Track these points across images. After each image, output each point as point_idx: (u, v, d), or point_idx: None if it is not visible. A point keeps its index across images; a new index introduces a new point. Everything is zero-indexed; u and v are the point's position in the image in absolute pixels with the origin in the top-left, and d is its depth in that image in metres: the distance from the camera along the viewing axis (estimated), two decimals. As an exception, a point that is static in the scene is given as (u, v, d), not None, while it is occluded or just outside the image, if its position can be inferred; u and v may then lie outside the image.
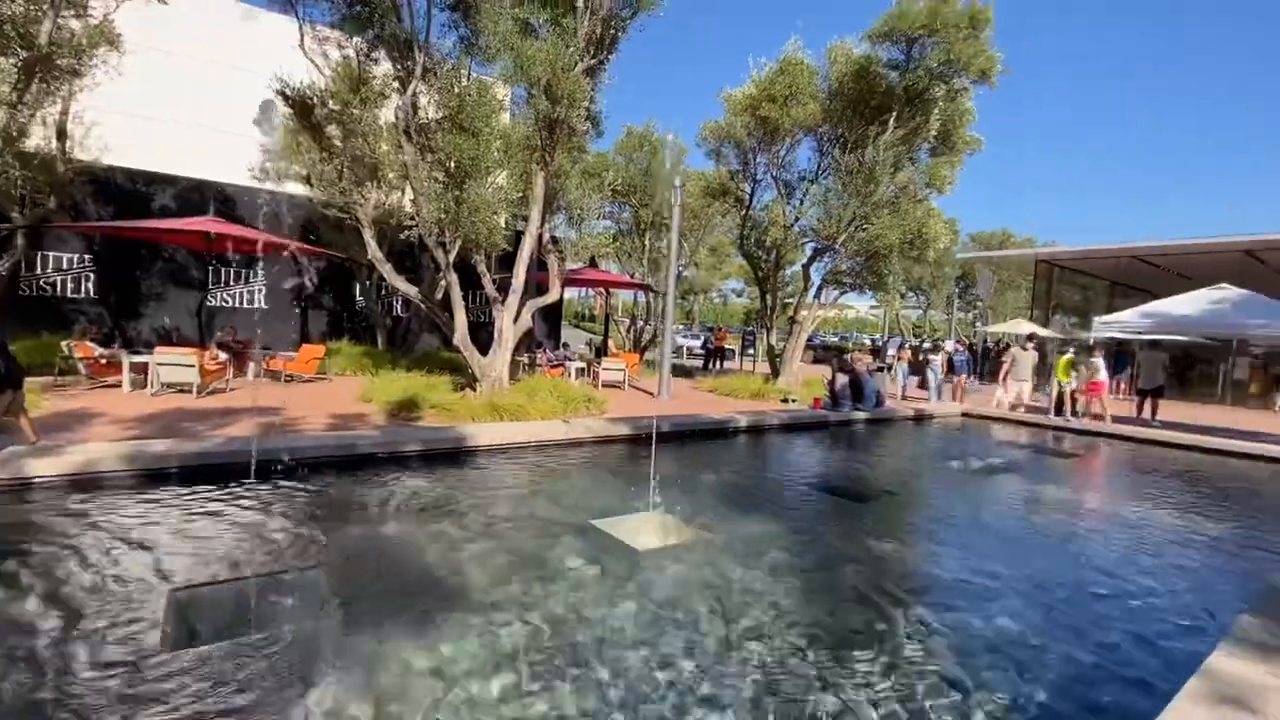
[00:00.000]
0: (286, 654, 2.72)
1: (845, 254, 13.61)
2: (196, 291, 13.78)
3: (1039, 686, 2.84)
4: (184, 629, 2.92)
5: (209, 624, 2.99)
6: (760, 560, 4.14)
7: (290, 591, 3.32)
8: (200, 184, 14.12)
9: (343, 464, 5.67)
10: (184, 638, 2.83)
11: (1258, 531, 5.84)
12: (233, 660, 2.66)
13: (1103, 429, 11.37)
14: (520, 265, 10.20)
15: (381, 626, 3.00)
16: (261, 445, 5.54)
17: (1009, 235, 38.75)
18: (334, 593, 3.31)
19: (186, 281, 13.87)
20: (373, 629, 2.98)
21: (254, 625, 2.94)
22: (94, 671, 2.52)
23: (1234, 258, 19.50)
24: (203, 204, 13.62)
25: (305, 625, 2.98)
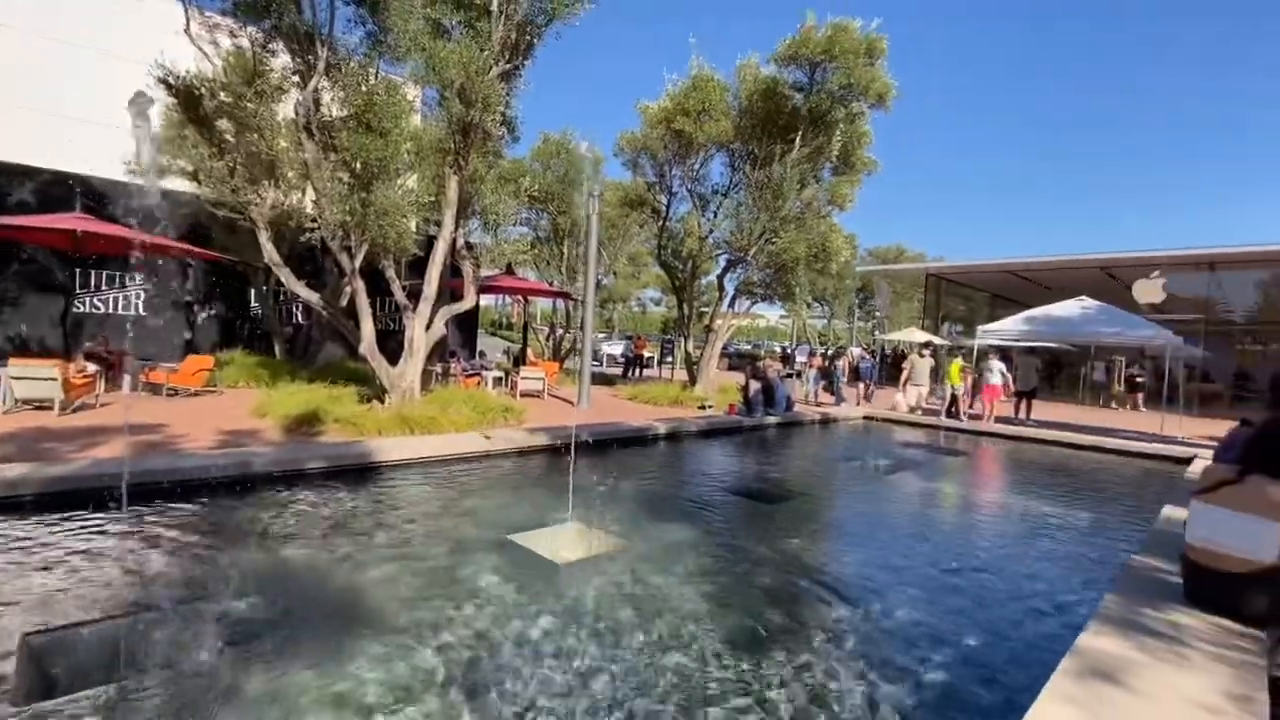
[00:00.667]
0: (165, 700, 2.46)
1: (756, 265, 14.12)
2: (61, 297, 12.30)
3: (936, 668, 3.04)
4: (40, 679, 2.57)
5: (71, 672, 2.65)
6: (679, 566, 4.18)
7: (170, 629, 3.00)
8: (65, 177, 12.64)
9: (232, 485, 5.22)
10: (40, 689, 2.49)
11: (1120, 518, 6.55)
12: (100, 713, 2.37)
13: (988, 428, 12.41)
14: (433, 271, 9.84)
15: (278, 661, 2.78)
16: (136, 466, 5.01)
17: (903, 250, 41.66)
18: (222, 628, 3.03)
19: (49, 286, 12.34)
20: (268, 664, 2.75)
21: (125, 670, 2.64)
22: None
23: (1092, 273, 21.93)
24: (68, 199, 12.21)
25: (188, 666, 2.71)
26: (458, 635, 3.10)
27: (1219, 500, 3.00)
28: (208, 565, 3.74)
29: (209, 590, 3.42)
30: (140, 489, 4.74)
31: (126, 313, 13.24)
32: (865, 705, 2.74)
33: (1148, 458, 10.38)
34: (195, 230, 13.53)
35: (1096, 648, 2.70)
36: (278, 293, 14.77)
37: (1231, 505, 2.94)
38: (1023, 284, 24.61)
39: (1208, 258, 19.58)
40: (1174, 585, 3.41)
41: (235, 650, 2.86)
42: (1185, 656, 2.68)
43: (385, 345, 10.16)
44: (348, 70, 8.84)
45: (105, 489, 4.53)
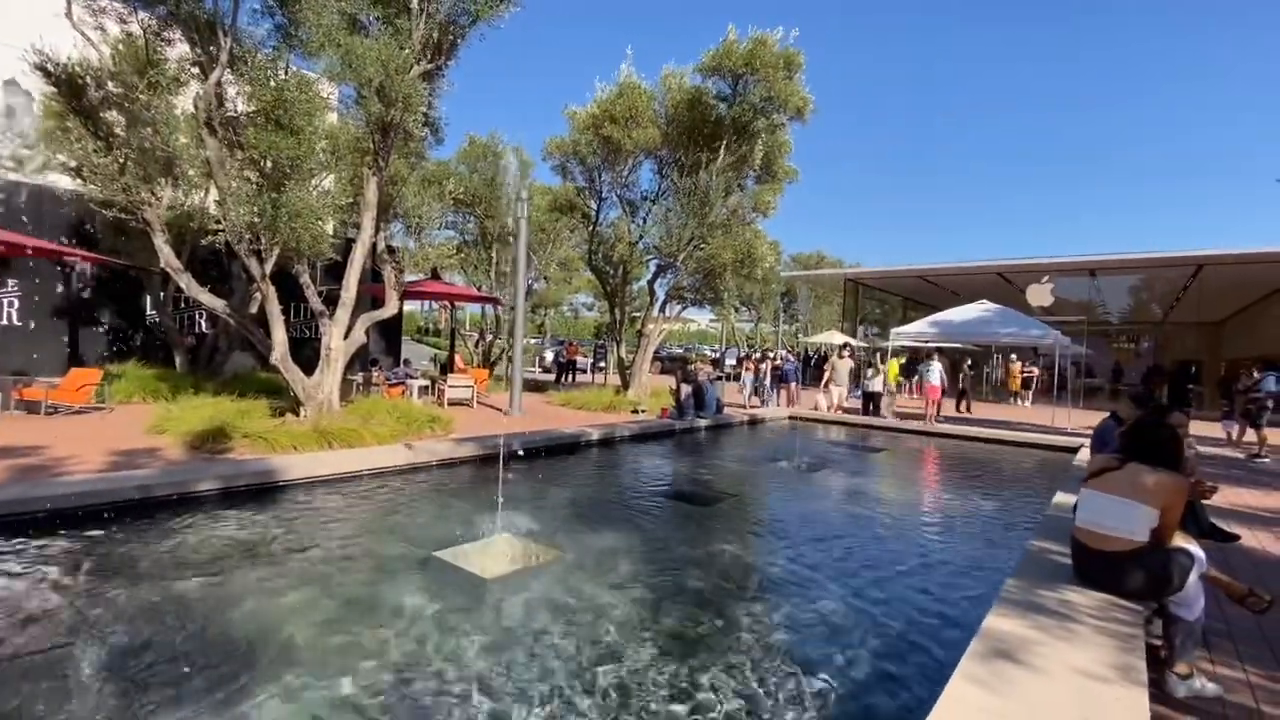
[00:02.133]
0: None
1: (685, 271, 14.35)
2: (-90, 305, 10.92)
3: (858, 658, 3.17)
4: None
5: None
6: (610, 574, 4.16)
7: (34, 679, 2.70)
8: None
9: (119, 511, 4.76)
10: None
11: (1020, 504, 7.07)
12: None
13: (899, 425, 13.12)
14: (351, 276, 9.41)
15: (164, 707, 2.55)
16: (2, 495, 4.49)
17: (823, 256, 43.52)
18: (99, 674, 2.76)
19: (-108, 293, 10.94)
20: (153, 711, 2.52)
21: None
22: None
23: (990, 278, 23.64)
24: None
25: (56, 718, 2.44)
26: (378, 662, 2.95)
27: (1100, 486, 3.29)
28: (85, 604, 3.40)
29: (86, 633, 3.10)
30: (8, 519, 4.26)
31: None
32: (792, 697, 2.81)
33: (1042, 448, 11.27)
34: (79, 231, 12.37)
35: (999, 629, 2.89)
36: (177, 299, 13.70)
37: (1110, 490, 3.23)
38: (932, 288, 26.24)
39: (1089, 264, 21.52)
40: (1066, 566, 3.70)
41: (114, 697, 2.60)
42: (1075, 632, 2.91)
43: (300, 354, 9.61)
44: (255, 64, 8.33)
45: (-33, 521, 4.05)
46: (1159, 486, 3.11)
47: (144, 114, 9.00)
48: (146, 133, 9.16)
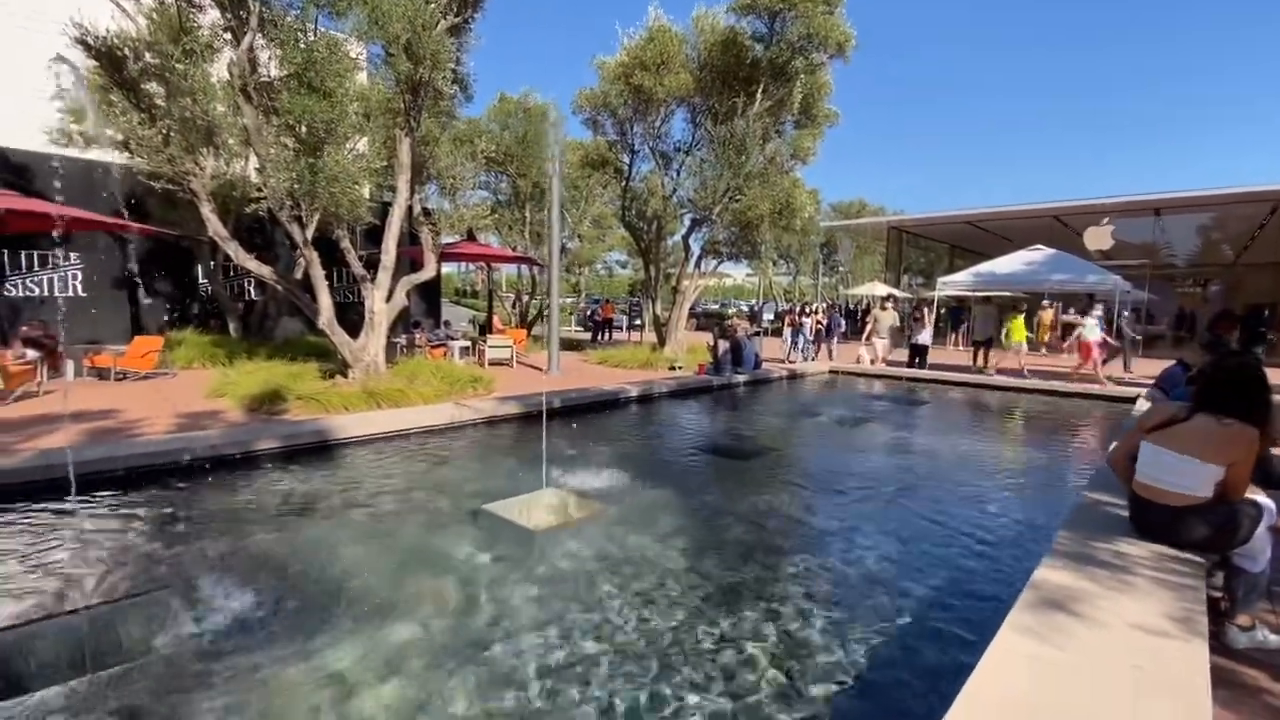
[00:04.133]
0: (136, 691, 2.41)
1: (721, 224, 14.05)
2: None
3: (905, 608, 3.18)
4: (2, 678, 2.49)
5: (32, 670, 2.57)
6: (654, 527, 4.24)
7: (135, 620, 2.93)
8: (-21, 152, 11.71)
9: (192, 469, 5.07)
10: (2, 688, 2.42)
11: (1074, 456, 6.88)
12: (66, 710, 2.31)
13: (948, 376, 12.77)
14: (389, 239, 9.53)
15: (251, 644, 2.74)
16: (85, 455, 4.81)
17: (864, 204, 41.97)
18: (191, 615, 2.98)
19: (-29, 269, 11.58)
20: (241, 648, 2.71)
21: (91, 664, 2.57)
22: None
23: (1044, 222, 22.47)
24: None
25: (158, 655, 2.66)
26: (436, 607, 3.10)
27: (1162, 440, 3.15)
28: (172, 552, 3.65)
29: (174, 578, 3.34)
30: (94, 477, 4.57)
31: (63, 294, 12.53)
32: (837, 644, 2.85)
33: (1097, 399, 10.87)
34: (132, 204, 12.78)
35: (1051, 581, 2.84)
36: (227, 268, 14.16)
37: (1173, 446, 3.08)
38: (981, 235, 25.11)
39: (1153, 203, 20.20)
40: (1121, 518, 3.60)
41: (203, 638, 2.81)
42: (1131, 584, 2.84)
43: (345, 318, 9.86)
44: (284, 26, 8.31)
45: (56, 479, 4.36)
46: (1227, 441, 2.96)
47: (181, 83, 9.13)
48: (185, 102, 9.30)
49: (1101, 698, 2.02)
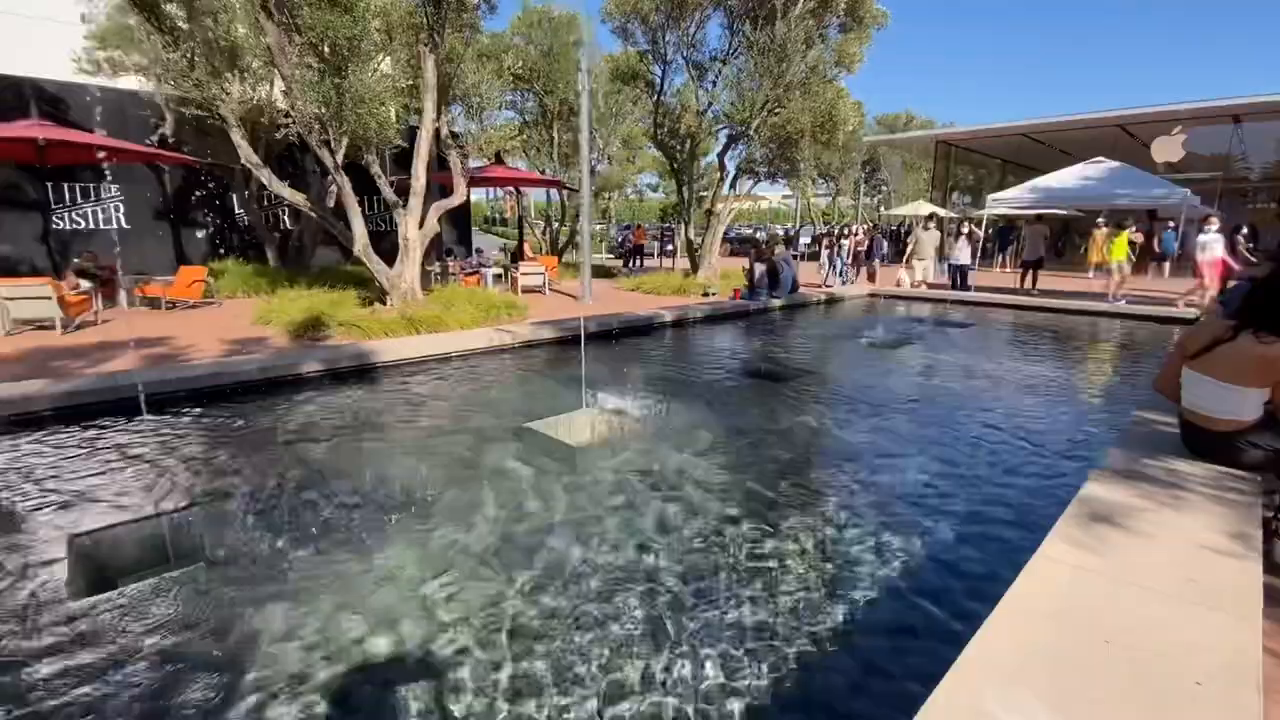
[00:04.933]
0: (214, 586, 2.62)
1: (758, 140, 13.41)
2: (37, 214, 11.88)
3: (945, 523, 3.21)
4: (93, 573, 2.73)
5: (121, 566, 2.81)
6: (692, 443, 4.31)
7: (207, 524, 3.15)
8: (14, 81, 11.76)
9: (246, 390, 5.29)
10: (94, 582, 2.65)
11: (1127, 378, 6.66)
12: (155, 597, 2.53)
13: (990, 299, 12.33)
14: (419, 163, 9.40)
15: (315, 546, 2.93)
16: (150, 377, 5.05)
17: (911, 117, 39.44)
18: (257, 521, 3.18)
19: (22, 203, 11.87)
20: (305, 550, 2.90)
21: (172, 562, 2.79)
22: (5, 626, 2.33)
23: (1109, 133, 20.84)
24: (21, 107, 11.45)
25: (229, 556, 2.86)
26: (485, 515, 3.24)
27: (1203, 368, 3.01)
28: (237, 465, 3.86)
29: (242, 487, 3.55)
30: (160, 397, 4.82)
31: (108, 226, 12.85)
32: (874, 554, 2.90)
33: (1154, 320, 10.41)
34: (165, 134, 12.80)
35: (1099, 496, 2.80)
36: (262, 197, 14.24)
37: (1213, 374, 2.94)
38: (1038, 148, 23.49)
39: (1233, 109, 18.48)
40: (1175, 437, 3.50)
41: (273, 540, 3.00)
42: (1184, 500, 2.79)
43: (379, 246, 9.92)
44: (299, -64, 7.91)
45: (125, 399, 4.61)
46: (1268, 362, 2.80)
47: (200, 3, 8.89)
48: (207, 23, 9.10)
49: (1149, 607, 2.02)
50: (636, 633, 2.36)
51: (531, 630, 2.37)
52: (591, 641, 2.31)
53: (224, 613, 2.44)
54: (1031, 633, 1.87)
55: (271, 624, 2.37)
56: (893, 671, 2.23)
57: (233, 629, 2.35)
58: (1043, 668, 1.72)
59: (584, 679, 2.13)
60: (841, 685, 2.17)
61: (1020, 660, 1.75)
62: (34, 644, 2.26)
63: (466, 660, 2.21)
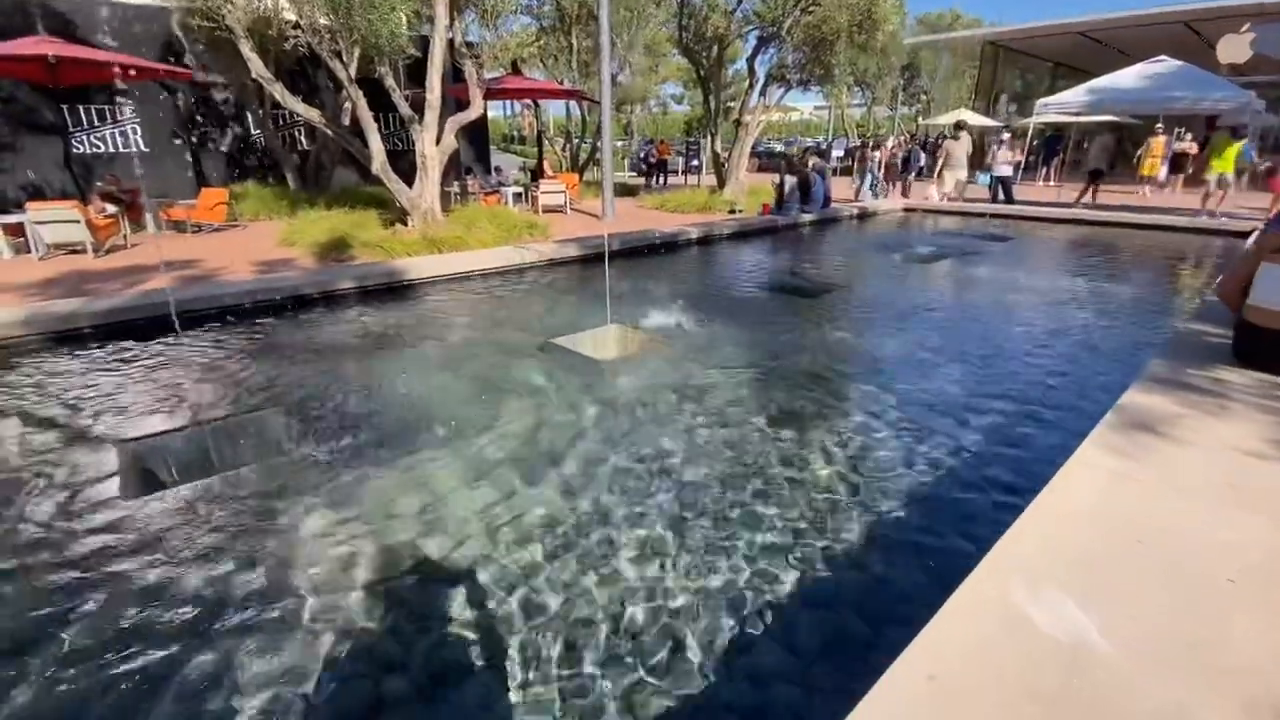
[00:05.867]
0: (258, 489, 2.74)
1: (791, 43, 12.53)
2: (57, 138, 11.81)
3: (977, 433, 3.18)
4: (145, 478, 2.87)
5: (170, 471, 2.94)
6: (719, 357, 4.28)
7: (249, 433, 3.26)
8: None
9: (279, 307, 5.37)
10: (145, 485, 2.79)
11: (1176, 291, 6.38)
12: (204, 500, 2.66)
13: (1034, 214, 11.73)
14: (433, 74, 9.02)
15: (351, 455, 3.02)
16: (184, 294, 5.14)
17: (958, 16, 36.45)
18: (296, 430, 3.28)
19: (40, 126, 11.77)
20: (342, 458, 3.00)
21: (218, 467, 2.91)
22: (64, 524, 2.48)
23: (1173, 30, 19.04)
24: (27, 25, 11.14)
25: (271, 463, 2.97)
26: (514, 425, 3.30)
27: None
28: (274, 378, 3.96)
29: (280, 398, 3.65)
30: (195, 315, 4.91)
31: (128, 150, 12.75)
32: (905, 458, 2.91)
33: (1208, 233, 9.86)
34: (170, 49, 12.43)
35: (1140, 403, 2.73)
36: (277, 117, 13.94)
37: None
38: (1094, 49, 21.62)
39: (1319, -2, 16.60)
40: (1222, 347, 3.36)
41: (310, 447, 3.11)
42: (1229, 409, 2.70)
43: (397, 165, 9.71)
44: None
45: (161, 316, 4.71)
46: None
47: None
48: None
49: (1185, 510, 1.99)
50: (660, 536, 2.43)
51: (554, 534, 2.45)
52: (614, 547, 2.38)
53: (259, 520, 2.56)
54: (1063, 533, 1.86)
55: (307, 526, 2.49)
56: (922, 571, 2.26)
57: (268, 533, 2.47)
58: (1073, 565, 1.72)
59: (606, 583, 2.21)
60: (869, 583, 2.21)
61: (1050, 558, 1.75)
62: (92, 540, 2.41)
63: (493, 565, 2.29)
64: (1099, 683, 1.34)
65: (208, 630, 1.96)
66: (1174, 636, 1.48)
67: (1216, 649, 1.44)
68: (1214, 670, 1.38)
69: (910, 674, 1.34)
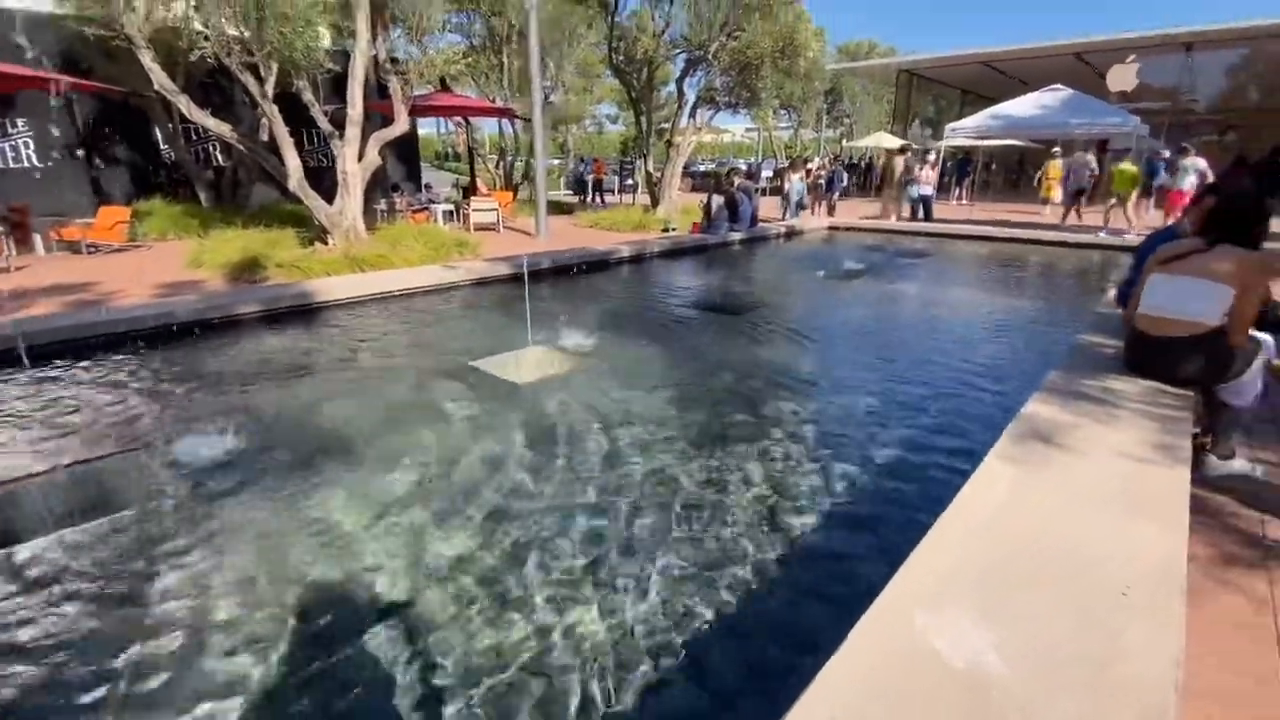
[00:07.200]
0: (119, 541, 2.46)
1: (718, 66, 12.87)
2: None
3: (889, 447, 3.23)
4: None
5: (19, 524, 2.61)
6: (641, 379, 4.22)
7: (115, 477, 2.95)
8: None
9: (170, 335, 4.96)
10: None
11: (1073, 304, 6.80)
12: (55, 557, 2.36)
13: (943, 230, 12.38)
14: (354, 89, 8.72)
15: (236, 495, 2.78)
16: (58, 322, 4.68)
17: (874, 45, 38.52)
18: (172, 472, 2.99)
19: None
20: (225, 499, 2.75)
21: (76, 518, 2.60)
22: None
23: (1065, 62, 20.72)
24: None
25: (144, 509, 2.68)
26: (420, 456, 3.12)
27: (1179, 269, 3.01)
28: (156, 412, 3.63)
29: (159, 435, 3.34)
30: (72, 344, 4.47)
31: (17, 165, 11.72)
32: (822, 479, 2.91)
33: (1103, 248, 10.65)
34: (67, 60, 11.56)
35: (1038, 414, 2.84)
36: (190, 131, 13.18)
37: (1189, 272, 2.96)
38: (997, 78, 23.29)
39: (1186, 36, 18.48)
40: (1114, 358, 3.56)
41: (188, 489, 2.84)
42: (1118, 417, 2.84)
43: (321, 183, 9.34)
44: None
45: (34, 345, 4.26)
46: (1243, 265, 2.84)
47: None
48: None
49: (1081, 520, 2.05)
50: (577, 564, 2.32)
51: (460, 576, 2.30)
52: (525, 578, 2.26)
53: (131, 566, 2.30)
54: (966, 552, 1.87)
55: (182, 576, 2.25)
56: (835, 595, 2.24)
57: (139, 583, 2.21)
58: (974, 582, 1.72)
59: (517, 619, 2.08)
60: (781, 611, 2.17)
61: (953, 576, 1.75)
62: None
63: (390, 616, 2.13)
64: (999, 709, 1.32)
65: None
66: (1072, 653, 1.49)
67: (1112, 663, 1.45)
68: (1111, 685, 1.39)
69: (810, 718, 1.29)
